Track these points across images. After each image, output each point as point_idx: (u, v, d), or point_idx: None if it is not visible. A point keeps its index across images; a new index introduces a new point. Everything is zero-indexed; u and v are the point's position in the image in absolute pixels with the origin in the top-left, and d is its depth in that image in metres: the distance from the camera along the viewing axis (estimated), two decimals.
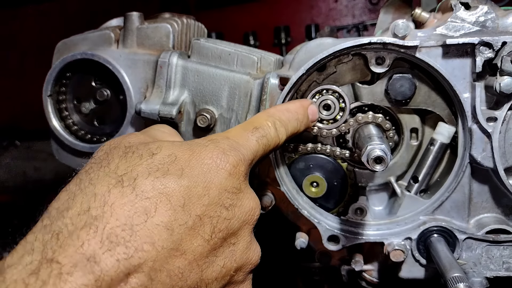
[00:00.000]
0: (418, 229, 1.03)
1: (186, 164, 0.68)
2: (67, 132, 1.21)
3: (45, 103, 1.20)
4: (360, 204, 1.09)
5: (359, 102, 1.09)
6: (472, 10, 0.97)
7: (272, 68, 1.11)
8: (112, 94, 1.20)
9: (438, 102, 1.05)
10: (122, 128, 1.16)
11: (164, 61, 1.10)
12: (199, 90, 1.10)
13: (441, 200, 1.03)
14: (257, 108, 1.07)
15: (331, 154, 1.08)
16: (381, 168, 0.84)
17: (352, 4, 2.65)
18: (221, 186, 0.69)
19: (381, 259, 1.12)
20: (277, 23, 2.66)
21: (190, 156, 0.69)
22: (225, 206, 0.69)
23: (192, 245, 0.64)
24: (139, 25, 1.15)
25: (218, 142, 0.73)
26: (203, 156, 0.70)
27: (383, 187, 1.17)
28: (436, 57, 0.97)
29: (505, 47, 0.90)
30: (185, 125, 1.12)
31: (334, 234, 1.06)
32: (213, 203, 0.68)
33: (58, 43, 1.23)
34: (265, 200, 1.10)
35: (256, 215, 0.75)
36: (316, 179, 1.08)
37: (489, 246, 1.03)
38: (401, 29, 0.94)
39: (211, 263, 0.67)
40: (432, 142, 1.07)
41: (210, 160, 0.70)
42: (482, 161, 0.97)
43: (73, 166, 1.24)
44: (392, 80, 1.02)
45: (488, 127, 0.95)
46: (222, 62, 1.11)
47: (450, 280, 0.86)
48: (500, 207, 1.03)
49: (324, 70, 1.06)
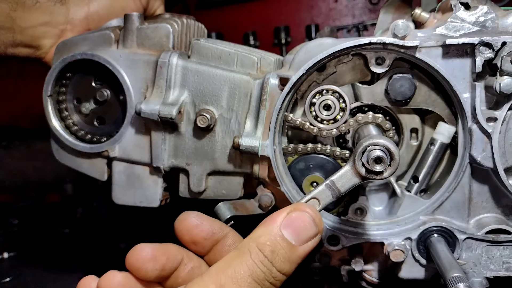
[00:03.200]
0: (418, 229, 1.03)
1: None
2: (67, 132, 1.21)
3: (45, 103, 1.20)
4: (360, 204, 1.09)
5: (359, 102, 1.09)
6: (472, 10, 0.97)
7: (272, 68, 1.11)
8: (112, 94, 1.20)
9: (438, 102, 1.05)
10: (122, 128, 1.16)
11: (164, 61, 1.10)
12: (199, 90, 1.10)
13: (441, 200, 1.03)
14: (257, 108, 1.07)
15: (331, 154, 1.08)
16: (381, 168, 0.84)
17: (352, 4, 2.65)
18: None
19: (381, 259, 1.12)
20: (277, 23, 2.66)
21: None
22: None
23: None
24: (139, 25, 1.15)
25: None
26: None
27: (383, 187, 1.17)
28: (436, 57, 0.97)
29: (505, 47, 0.90)
30: (185, 125, 1.12)
31: (334, 234, 1.06)
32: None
33: (58, 43, 1.23)
34: (265, 200, 1.10)
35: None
36: (316, 179, 1.08)
37: (489, 246, 1.03)
38: (401, 29, 0.94)
39: None
40: (432, 142, 1.07)
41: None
42: (482, 161, 0.97)
43: (73, 167, 1.25)
44: (392, 80, 1.02)
45: (488, 127, 0.95)
46: (222, 62, 1.11)
47: (450, 280, 0.86)
48: (500, 207, 1.03)
49: (324, 70, 1.06)
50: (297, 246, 0.70)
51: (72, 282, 1.59)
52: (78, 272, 1.64)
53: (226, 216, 1.05)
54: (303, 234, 0.71)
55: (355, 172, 0.78)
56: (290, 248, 0.69)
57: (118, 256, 1.74)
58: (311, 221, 0.72)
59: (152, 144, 1.14)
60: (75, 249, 1.87)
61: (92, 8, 1.30)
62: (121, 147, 1.17)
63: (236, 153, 1.10)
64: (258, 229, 0.72)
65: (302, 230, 0.71)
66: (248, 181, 1.16)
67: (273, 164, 1.04)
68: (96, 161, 1.22)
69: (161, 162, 1.14)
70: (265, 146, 1.03)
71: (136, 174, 1.20)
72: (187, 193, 1.18)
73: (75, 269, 1.68)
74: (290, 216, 0.71)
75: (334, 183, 0.79)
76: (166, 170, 1.16)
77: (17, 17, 1.19)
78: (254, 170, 1.09)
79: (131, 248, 0.76)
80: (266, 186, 1.13)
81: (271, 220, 0.72)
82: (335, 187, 0.79)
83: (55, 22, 1.26)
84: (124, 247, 1.76)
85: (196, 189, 1.15)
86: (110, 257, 1.71)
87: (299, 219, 0.71)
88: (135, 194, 1.20)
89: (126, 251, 0.76)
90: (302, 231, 0.71)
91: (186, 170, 1.15)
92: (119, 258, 0.75)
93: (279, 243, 0.69)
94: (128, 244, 1.75)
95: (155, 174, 1.19)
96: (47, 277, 1.66)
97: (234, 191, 1.16)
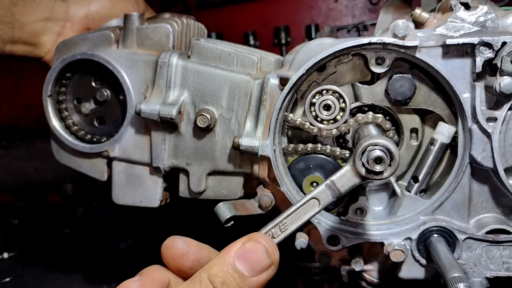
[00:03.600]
0: (418, 229, 1.03)
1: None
2: (67, 132, 1.21)
3: (45, 103, 1.20)
4: (360, 204, 1.09)
5: (359, 102, 1.09)
6: (472, 10, 0.97)
7: (272, 68, 1.11)
8: (112, 94, 1.20)
9: (438, 102, 1.05)
10: (122, 128, 1.16)
11: (164, 61, 1.10)
12: (199, 90, 1.10)
13: (441, 200, 1.03)
14: (257, 108, 1.07)
15: (331, 154, 1.08)
16: (381, 168, 0.84)
17: (352, 4, 2.65)
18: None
19: (381, 259, 1.12)
20: (277, 23, 2.66)
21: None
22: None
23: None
24: (139, 25, 1.15)
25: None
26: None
27: (383, 187, 1.17)
28: (436, 57, 0.97)
29: (505, 47, 0.90)
30: (185, 125, 1.12)
31: (334, 234, 1.05)
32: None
33: (58, 43, 1.23)
34: (265, 200, 1.10)
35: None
36: (316, 179, 1.08)
37: (489, 246, 1.03)
38: (401, 29, 0.94)
39: None
40: (432, 142, 1.07)
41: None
42: (482, 161, 0.97)
43: (73, 167, 1.25)
44: (392, 80, 1.02)
45: (488, 127, 0.95)
46: (222, 62, 1.11)
47: (450, 280, 0.86)
48: (500, 207, 1.03)
49: (324, 70, 1.06)
50: (250, 278, 0.69)
51: (72, 281, 1.60)
52: (78, 272, 1.64)
53: (226, 216, 1.05)
54: (256, 265, 0.70)
55: (355, 172, 0.78)
56: (242, 280, 0.68)
57: (118, 256, 1.74)
58: (264, 252, 0.71)
59: (152, 144, 1.14)
60: (75, 249, 1.87)
61: (93, 7, 1.30)
62: (121, 147, 1.17)
63: (236, 153, 1.10)
64: (213, 260, 0.71)
65: (255, 261, 0.70)
66: (248, 181, 1.16)
67: (273, 164, 1.04)
68: (96, 161, 1.22)
69: (161, 162, 1.14)
70: (265, 146, 1.03)
71: (136, 174, 1.20)
72: (187, 193, 1.18)
73: (75, 269, 1.67)
74: (244, 246, 0.70)
75: (334, 183, 0.79)
76: (166, 170, 1.16)
77: (17, 12, 1.19)
78: (254, 170, 1.09)
79: (131, 248, 0.75)
80: (266, 186, 1.13)
81: (225, 251, 0.71)
82: (335, 187, 0.79)
83: (55, 18, 1.26)
84: (124, 247, 1.76)
85: (196, 189, 1.15)
86: (110, 257, 1.71)
87: (253, 250, 0.70)
88: (135, 194, 1.20)
89: (126, 251, 0.75)
90: (256, 262, 0.70)
91: (186, 170, 1.15)
92: (119, 258, 0.75)
93: (230, 274, 0.68)
94: (128, 244, 1.75)
95: (155, 174, 1.19)
96: (47, 277, 1.66)
97: (234, 191, 1.16)
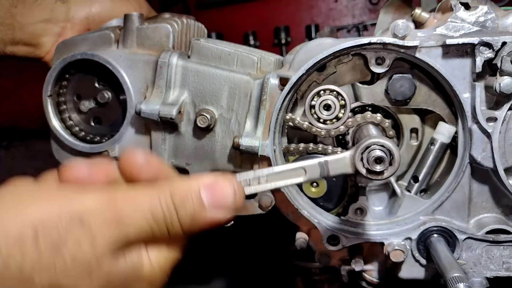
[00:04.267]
0: (418, 229, 1.03)
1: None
2: (67, 132, 1.21)
3: (45, 103, 1.20)
4: (360, 204, 1.09)
5: (359, 102, 1.09)
6: (472, 10, 0.97)
7: (272, 68, 1.11)
8: (113, 97, 1.20)
9: (438, 102, 1.05)
10: (122, 128, 1.16)
11: (164, 61, 1.10)
12: (199, 90, 1.10)
13: (441, 200, 1.03)
14: (257, 108, 1.07)
15: (332, 154, 1.08)
16: (381, 168, 0.84)
17: (352, 4, 2.65)
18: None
19: (381, 259, 1.12)
20: (277, 23, 2.66)
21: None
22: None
23: None
24: (139, 25, 1.15)
25: None
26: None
27: (383, 187, 1.17)
28: (436, 57, 0.97)
29: (505, 47, 0.90)
30: (185, 125, 1.12)
31: (334, 234, 1.05)
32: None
33: (58, 43, 1.23)
34: (265, 200, 1.10)
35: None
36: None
37: (489, 246, 1.03)
38: (401, 29, 0.94)
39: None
40: (432, 142, 1.07)
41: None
42: (482, 161, 0.97)
43: None
44: (392, 80, 1.02)
45: (488, 127, 0.95)
46: (222, 62, 1.11)
47: (450, 280, 0.86)
48: (500, 207, 1.03)
49: (324, 70, 1.06)
50: (206, 209, 0.68)
51: None
52: None
53: None
54: (218, 200, 0.69)
55: (351, 162, 0.77)
56: (199, 207, 0.67)
57: None
58: (232, 193, 0.70)
59: (152, 144, 1.14)
60: None
61: (94, 9, 1.30)
62: (121, 147, 1.17)
63: (236, 153, 1.10)
64: (180, 180, 0.70)
65: (219, 196, 0.69)
66: None
67: (273, 164, 1.04)
68: None
69: None
70: (265, 146, 1.03)
71: None
72: None
73: None
74: (215, 180, 0.70)
75: (328, 163, 0.77)
76: None
77: (18, 13, 1.19)
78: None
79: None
80: None
81: (196, 177, 0.70)
82: (326, 167, 0.77)
83: (55, 19, 1.26)
84: None
85: None
86: None
87: (222, 187, 0.70)
88: None
89: None
90: (219, 198, 0.69)
91: (186, 170, 1.15)
92: None
93: (191, 197, 0.67)
94: None
95: None
96: None
97: None
